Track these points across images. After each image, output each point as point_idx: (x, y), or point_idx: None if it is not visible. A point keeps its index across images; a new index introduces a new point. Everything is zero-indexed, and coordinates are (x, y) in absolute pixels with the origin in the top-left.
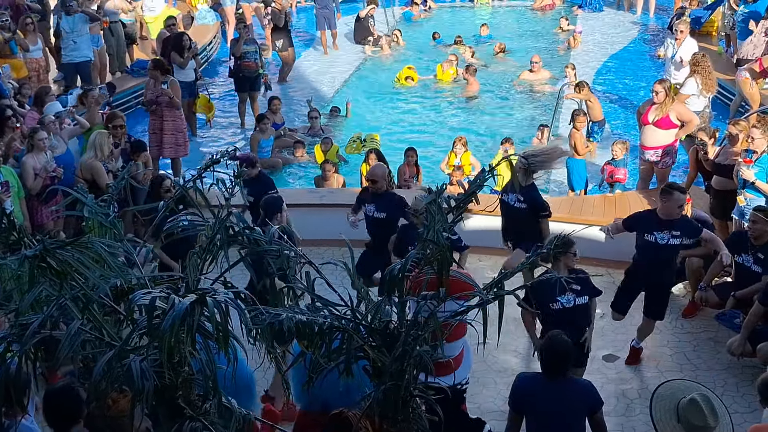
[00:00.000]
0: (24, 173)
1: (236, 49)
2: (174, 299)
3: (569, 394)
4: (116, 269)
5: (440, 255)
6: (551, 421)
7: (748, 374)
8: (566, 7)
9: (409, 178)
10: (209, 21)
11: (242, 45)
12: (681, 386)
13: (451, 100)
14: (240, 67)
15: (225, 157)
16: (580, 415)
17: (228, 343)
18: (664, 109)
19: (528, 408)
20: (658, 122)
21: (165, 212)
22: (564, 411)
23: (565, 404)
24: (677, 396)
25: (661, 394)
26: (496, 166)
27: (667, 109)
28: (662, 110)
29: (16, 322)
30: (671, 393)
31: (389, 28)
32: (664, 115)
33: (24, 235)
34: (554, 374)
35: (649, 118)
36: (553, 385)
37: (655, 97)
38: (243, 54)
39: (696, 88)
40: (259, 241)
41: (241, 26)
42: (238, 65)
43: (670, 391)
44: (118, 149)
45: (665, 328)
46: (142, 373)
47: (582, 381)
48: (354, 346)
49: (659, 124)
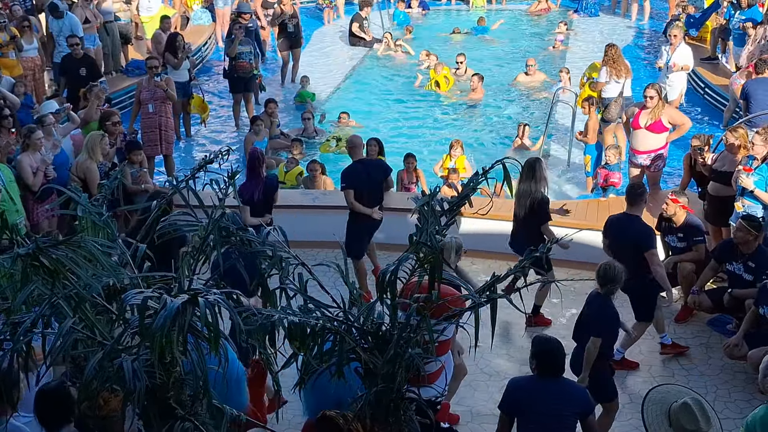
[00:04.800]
0: (22, 172)
1: (231, 49)
2: (166, 299)
3: (563, 396)
4: (109, 268)
5: (433, 258)
6: (544, 423)
7: (740, 380)
8: (562, 12)
9: (408, 183)
10: (204, 21)
11: (237, 45)
12: (672, 391)
13: (451, 103)
14: (234, 67)
15: (219, 157)
16: (572, 418)
17: (219, 343)
18: (656, 113)
19: (521, 410)
20: (650, 126)
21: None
22: (556, 413)
23: (558, 406)
24: (669, 400)
25: (653, 398)
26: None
27: (659, 113)
28: (654, 114)
29: (8, 320)
30: (663, 397)
31: (383, 30)
32: (657, 119)
33: (17, 233)
34: (549, 375)
35: (640, 122)
36: (547, 387)
37: (648, 102)
38: (238, 54)
39: (607, 76)
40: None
41: (236, 27)
42: (232, 66)
43: (662, 395)
44: (113, 149)
45: (656, 333)
46: (134, 373)
47: (575, 384)
48: (346, 348)
49: (652, 128)
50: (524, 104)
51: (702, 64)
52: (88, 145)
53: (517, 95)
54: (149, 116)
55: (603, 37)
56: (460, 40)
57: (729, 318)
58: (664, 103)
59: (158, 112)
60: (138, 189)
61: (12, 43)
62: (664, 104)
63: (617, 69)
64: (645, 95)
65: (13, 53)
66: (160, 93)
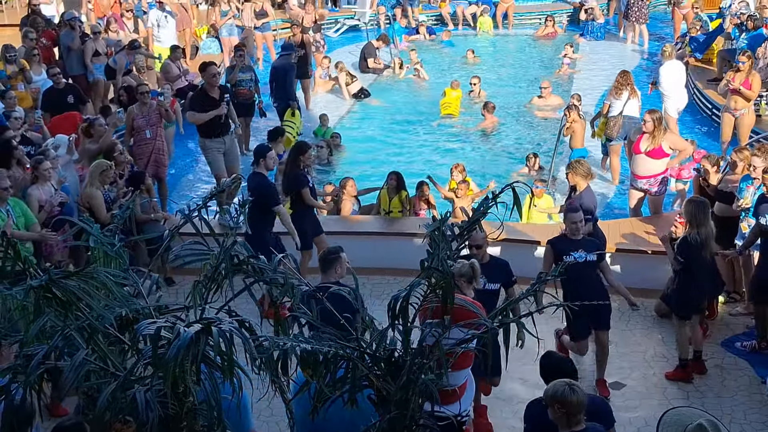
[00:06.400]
0: (30, 205)
1: (232, 76)
2: (179, 328)
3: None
4: (121, 299)
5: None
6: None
7: (756, 401)
8: (568, 35)
9: (419, 210)
10: (213, 51)
11: (237, 73)
12: (687, 413)
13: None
14: (235, 94)
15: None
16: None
17: (233, 372)
18: (657, 139)
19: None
20: (650, 152)
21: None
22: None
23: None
24: (684, 422)
25: (668, 421)
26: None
27: (659, 140)
28: (655, 141)
29: (21, 352)
30: (678, 419)
31: (392, 56)
32: (657, 145)
33: (29, 265)
34: None
35: (640, 147)
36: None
37: (643, 126)
38: (238, 82)
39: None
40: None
41: (237, 55)
42: (233, 92)
43: (677, 417)
44: (122, 180)
45: (671, 355)
46: (147, 404)
47: (594, 398)
48: (359, 374)
49: (652, 154)
50: (538, 128)
51: (709, 85)
52: (90, 173)
53: (531, 119)
54: (146, 142)
55: (609, 61)
56: (471, 64)
57: (741, 337)
58: (665, 129)
59: (154, 136)
60: (148, 218)
61: (21, 74)
62: (665, 130)
63: (618, 89)
64: (643, 120)
65: (22, 85)
66: (154, 118)
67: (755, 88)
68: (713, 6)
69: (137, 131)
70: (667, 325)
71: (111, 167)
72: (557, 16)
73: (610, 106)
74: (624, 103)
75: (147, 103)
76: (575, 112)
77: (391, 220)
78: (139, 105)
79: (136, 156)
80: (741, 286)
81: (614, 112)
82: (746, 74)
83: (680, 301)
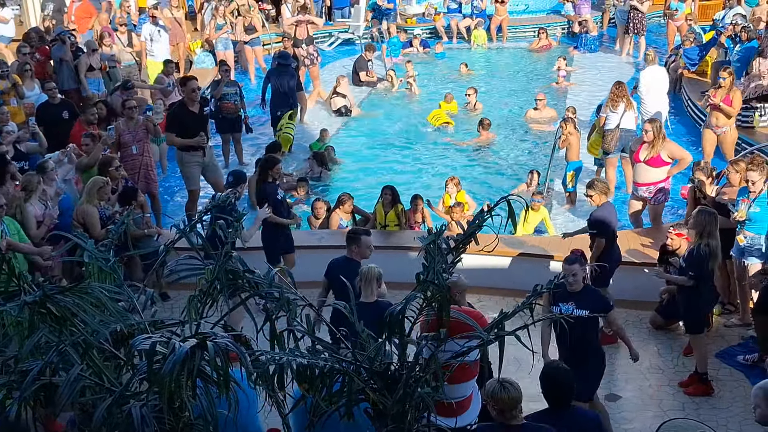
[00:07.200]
0: (26, 221)
1: (217, 90)
2: (174, 343)
3: (580, 423)
4: (116, 314)
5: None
6: None
7: (752, 412)
8: (562, 48)
9: (414, 223)
10: (207, 65)
11: (223, 87)
12: (684, 425)
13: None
14: (220, 108)
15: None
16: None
17: (229, 387)
18: (655, 148)
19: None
20: (649, 161)
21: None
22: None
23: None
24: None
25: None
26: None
27: (658, 149)
28: (654, 150)
29: (15, 368)
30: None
31: (386, 69)
32: (656, 154)
33: (24, 281)
34: (559, 405)
35: (640, 156)
36: (561, 417)
37: (644, 136)
38: (223, 95)
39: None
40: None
41: (222, 69)
42: (218, 107)
43: (674, 429)
44: (115, 195)
45: (667, 367)
46: (143, 419)
47: (588, 411)
48: (355, 388)
49: (651, 162)
50: (534, 141)
51: (702, 97)
52: (87, 190)
53: (526, 131)
54: (133, 158)
55: (603, 73)
56: (466, 77)
57: (739, 350)
58: (664, 138)
59: (141, 152)
60: (142, 234)
61: (13, 90)
62: (663, 139)
63: (614, 102)
64: (643, 129)
65: (15, 100)
66: (141, 134)
67: (736, 105)
68: (707, 18)
69: (124, 147)
70: (663, 337)
71: (107, 183)
72: (551, 29)
73: (606, 119)
74: (621, 116)
75: (134, 119)
76: (571, 124)
77: (387, 234)
78: (126, 120)
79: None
80: (735, 297)
81: (611, 125)
82: (727, 90)
83: (693, 319)
